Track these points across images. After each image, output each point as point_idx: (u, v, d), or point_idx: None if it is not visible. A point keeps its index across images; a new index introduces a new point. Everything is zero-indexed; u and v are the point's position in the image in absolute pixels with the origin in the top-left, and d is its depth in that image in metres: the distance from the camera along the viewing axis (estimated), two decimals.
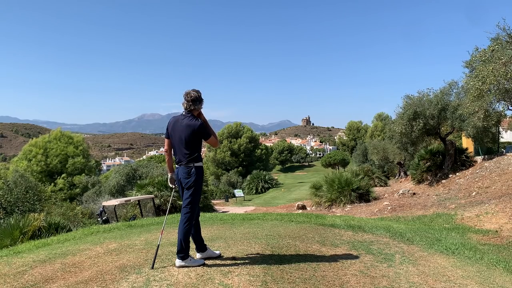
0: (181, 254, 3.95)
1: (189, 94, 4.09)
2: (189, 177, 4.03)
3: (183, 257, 3.95)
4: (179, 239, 3.96)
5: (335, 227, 6.83)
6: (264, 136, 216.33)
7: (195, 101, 4.09)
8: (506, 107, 14.25)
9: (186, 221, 3.99)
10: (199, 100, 4.11)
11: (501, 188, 12.55)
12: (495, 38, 13.34)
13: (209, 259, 4.23)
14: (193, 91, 4.10)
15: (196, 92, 4.10)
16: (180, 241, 3.94)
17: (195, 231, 4.20)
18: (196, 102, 4.10)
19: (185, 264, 3.95)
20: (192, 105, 4.09)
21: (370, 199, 16.89)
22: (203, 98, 4.17)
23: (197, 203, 4.11)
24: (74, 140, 46.76)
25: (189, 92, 4.10)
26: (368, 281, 3.73)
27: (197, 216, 4.24)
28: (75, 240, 6.21)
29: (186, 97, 4.09)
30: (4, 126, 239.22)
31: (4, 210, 13.72)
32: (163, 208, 17.48)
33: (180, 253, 3.95)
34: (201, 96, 4.14)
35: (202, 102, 4.17)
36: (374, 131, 73.54)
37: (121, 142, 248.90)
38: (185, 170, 4.04)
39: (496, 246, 6.49)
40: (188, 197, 4.04)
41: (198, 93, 4.12)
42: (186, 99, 4.09)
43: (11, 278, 3.93)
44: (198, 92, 4.13)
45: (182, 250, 3.94)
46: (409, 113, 17.25)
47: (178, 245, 3.96)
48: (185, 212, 4.02)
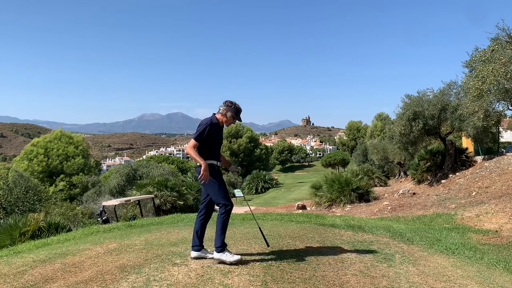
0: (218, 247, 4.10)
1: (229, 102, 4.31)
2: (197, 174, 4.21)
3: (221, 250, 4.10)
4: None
5: (335, 227, 6.83)
6: (264, 136, 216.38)
7: (227, 106, 4.26)
8: (506, 107, 14.26)
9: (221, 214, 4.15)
10: (227, 106, 4.26)
11: (501, 188, 12.55)
12: (495, 38, 13.35)
13: (202, 259, 4.23)
14: (234, 103, 4.31)
15: (231, 102, 4.29)
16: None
17: (201, 228, 4.29)
18: (226, 106, 4.26)
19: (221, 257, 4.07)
20: (223, 106, 4.28)
21: (370, 199, 16.89)
22: (234, 109, 4.28)
23: (218, 196, 4.17)
24: (74, 140, 46.73)
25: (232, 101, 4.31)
26: (368, 281, 3.73)
27: (206, 215, 4.34)
28: (75, 240, 6.21)
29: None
30: (4, 126, 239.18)
31: (4, 210, 13.73)
32: (163, 208, 17.48)
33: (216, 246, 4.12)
34: (233, 106, 4.27)
35: (230, 110, 4.26)
36: (374, 131, 73.54)
37: (121, 142, 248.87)
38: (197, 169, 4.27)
39: (496, 246, 6.50)
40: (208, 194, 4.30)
41: (233, 103, 4.29)
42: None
43: (11, 278, 3.93)
44: (232, 102, 4.29)
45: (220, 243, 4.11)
46: (408, 114, 17.24)
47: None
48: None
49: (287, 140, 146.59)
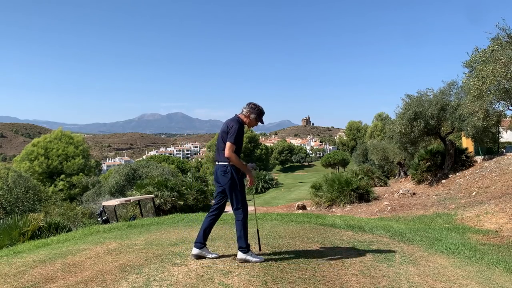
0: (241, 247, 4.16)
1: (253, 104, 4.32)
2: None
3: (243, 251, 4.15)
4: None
5: (335, 227, 6.83)
6: (264, 136, 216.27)
7: (251, 108, 4.28)
8: (506, 107, 14.26)
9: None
10: (251, 108, 4.27)
11: (501, 188, 12.56)
12: (495, 38, 13.35)
13: (203, 258, 4.23)
14: (258, 105, 4.32)
15: (255, 104, 4.31)
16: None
17: (209, 226, 4.32)
18: (249, 108, 4.28)
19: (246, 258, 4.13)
20: (246, 107, 4.29)
21: (370, 199, 16.89)
22: (258, 111, 4.29)
23: (243, 201, 4.20)
24: (74, 140, 46.68)
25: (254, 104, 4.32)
26: (368, 281, 3.73)
27: (217, 215, 4.38)
28: (75, 240, 6.21)
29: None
30: (4, 126, 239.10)
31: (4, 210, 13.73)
32: (163, 208, 17.49)
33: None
34: (256, 108, 4.28)
35: (253, 112, 4.26)
36: (374, 131, 73.50)
37: (121, 142, 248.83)
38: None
39: (496, 246, 6.50)
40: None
41: (256, 105, 4.30)
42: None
43: (11, 278, 3.93)
44: (255, 105, 4.31)
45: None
46: (409, 114, 17.24)
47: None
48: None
49: (287, 140, 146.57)
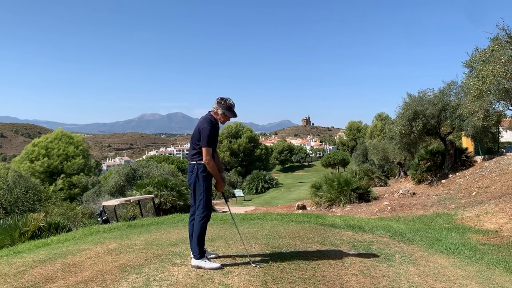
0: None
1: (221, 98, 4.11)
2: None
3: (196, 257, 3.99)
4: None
5: (335, 227, 6.83)
6: (264, 136, 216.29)
7: (218, 103, 4.05)
8: (506, 107, 14.26)
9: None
10: (218, 103, 4.05)
11: (501, 188, 12.55)
12: (494, 38, 13.36)
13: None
14: (225, 99, 4.09)
15: (222, 98, 4.08)
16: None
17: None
18: (216, 103, 4.06)
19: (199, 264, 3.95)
20: (214, 103, 4.07)
21: (370, 199, 16.89)
22: (225, 106, 4.04)
23: (207, 201, 4.02)
24: (74, 140, 46.67)
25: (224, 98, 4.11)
26: (368, 281, 3.73)
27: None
28: (75, 240, 6.21)
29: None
30: (4, 126, 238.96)
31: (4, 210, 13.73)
32: (163, 208, 17.48)
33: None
34: (223, 102, 4.04)
35: (221, 107, 4.03)
36: (374, 131, 73.48)
37: (121, 142, 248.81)
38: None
39: (496, 246, 6.49)
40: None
41: (223, 99, 4.07)
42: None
43: (11, 278, 3.93)
44: (222, 98, 4.08)
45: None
46: (409, 113, 17.24)
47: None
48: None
49: (287, 140, 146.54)
